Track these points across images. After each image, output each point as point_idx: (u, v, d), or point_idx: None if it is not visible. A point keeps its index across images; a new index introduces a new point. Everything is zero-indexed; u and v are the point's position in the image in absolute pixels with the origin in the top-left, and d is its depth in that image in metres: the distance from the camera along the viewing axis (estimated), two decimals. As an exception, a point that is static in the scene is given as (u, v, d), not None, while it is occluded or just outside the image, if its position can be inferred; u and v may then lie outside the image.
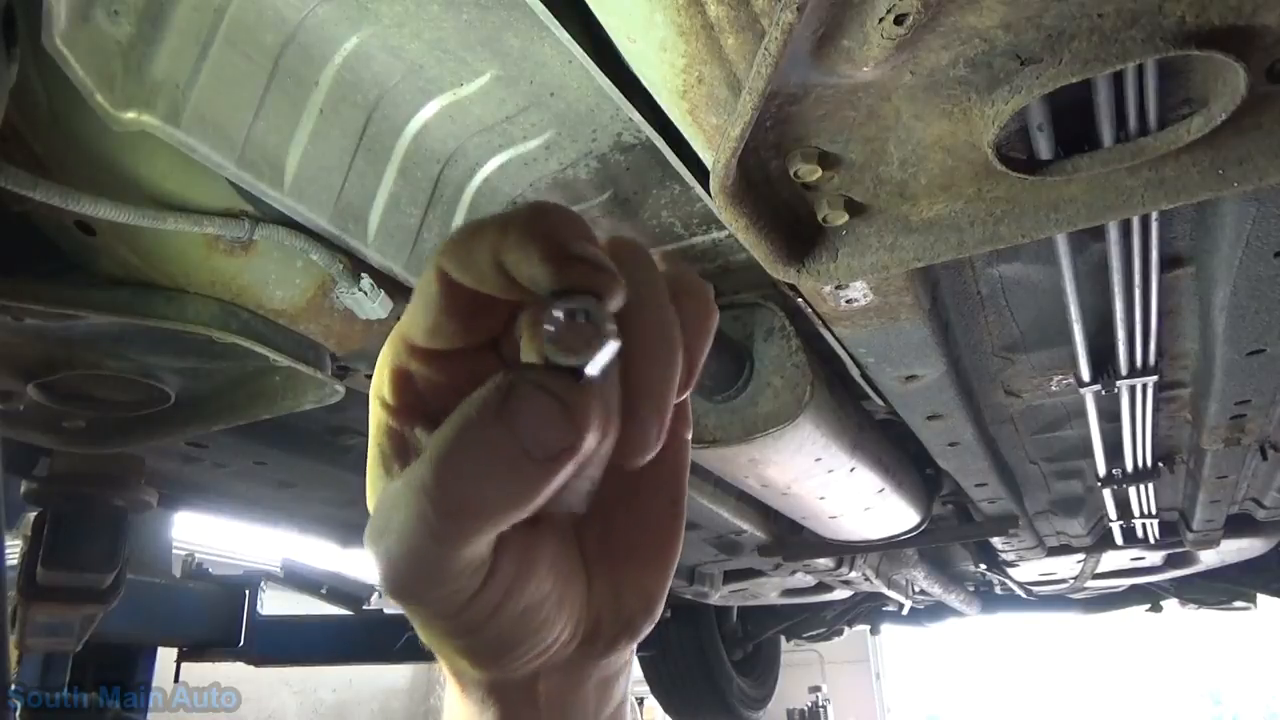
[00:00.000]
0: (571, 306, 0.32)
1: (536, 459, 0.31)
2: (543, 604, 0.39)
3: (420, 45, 1.08)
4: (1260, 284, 1.33)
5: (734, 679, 5.03)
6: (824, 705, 9.33)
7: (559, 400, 0.32)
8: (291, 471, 2.17)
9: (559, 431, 0.31)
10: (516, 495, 0.32)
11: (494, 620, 0.37)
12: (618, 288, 0.33)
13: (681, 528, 0.45)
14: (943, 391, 1.74)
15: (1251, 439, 1.99)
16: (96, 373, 1.44)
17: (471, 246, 0.35)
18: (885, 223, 0.92)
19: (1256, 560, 3.97)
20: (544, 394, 0.32)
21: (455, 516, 0.32)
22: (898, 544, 2.85)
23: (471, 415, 0.32)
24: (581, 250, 0.33)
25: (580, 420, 0.32)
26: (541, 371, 0.32)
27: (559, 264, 0.32)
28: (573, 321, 0.32)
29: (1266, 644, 10.94)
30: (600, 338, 0.32)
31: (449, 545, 0.33)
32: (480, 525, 0.33)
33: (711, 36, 0.76)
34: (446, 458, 0.32)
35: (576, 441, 0.32)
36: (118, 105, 0.91)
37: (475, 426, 0.32)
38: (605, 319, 0.32)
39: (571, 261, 0.32)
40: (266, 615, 3.45)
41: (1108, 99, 0.84)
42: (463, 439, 0.32)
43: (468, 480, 0.32)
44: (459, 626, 0.37)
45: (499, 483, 0.32)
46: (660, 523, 0.44)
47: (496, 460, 0.31)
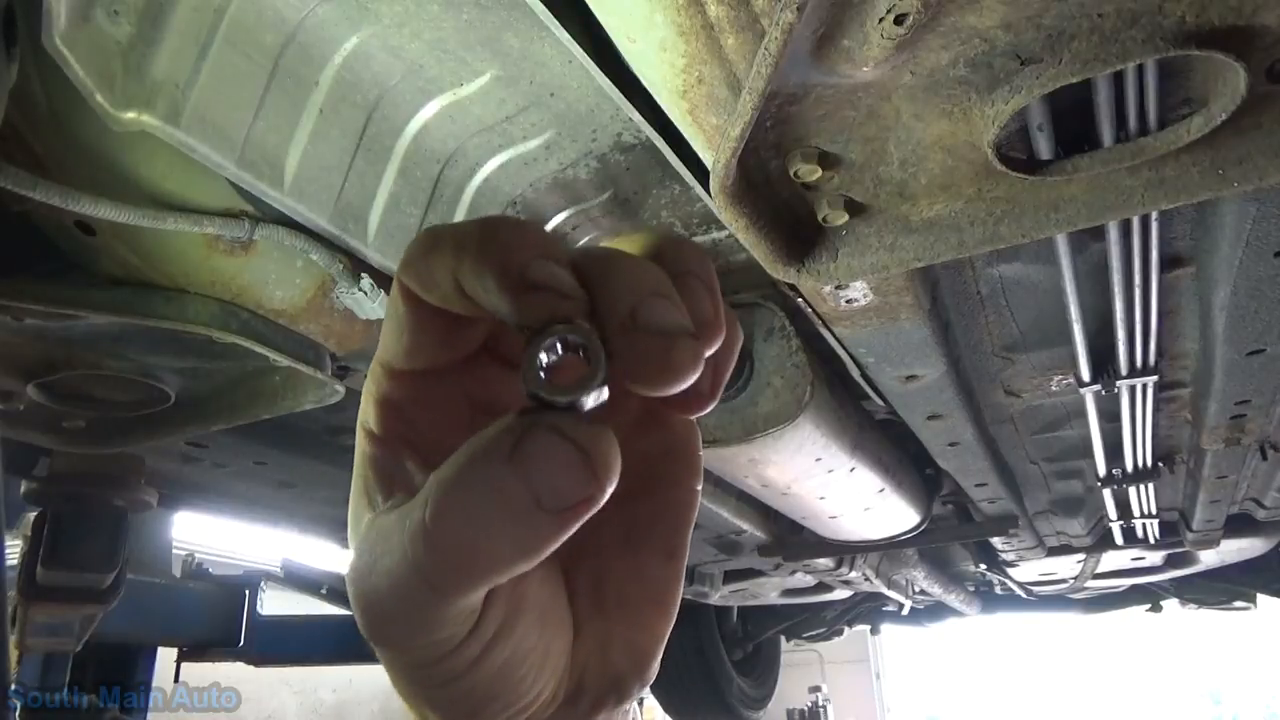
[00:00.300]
0: (549, 342, 0.29)
1: (549, 510, 0.28)
2: (526, 657, 0.35)
3: (420, 45, 1.08)
4: (1260, 284, 1.33)
5: (734, 679, 5.03)
6: (824, 705, 9.33)
7: (579, 449, 0.29)
8: (291, 471, 2.17)
9: (577, 482, 0.28)
10: (524, 548, 0.29)
11: (472, 672, 0.34)
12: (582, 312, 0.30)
13: (679, 584, 0.41)
14: (943, 391, 1.74)
15: (1251, 439, 1.99)
16: (96, 373, 1.44)
17: (431, 264, 0.32)
18: (885, 223, 0.92)
19: (1256, 560, 3.97)
20: (562, 441, 0.29)
21: (453, 565, 0.29)
22: (898, 544, 2.85)
23: (479, 456, 0.29)
24: (540, 274, 0.30)
25: (601, 471, 0.29)
26: (559, 414, 0.29)
27: (517, 294, 0.30)
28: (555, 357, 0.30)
29: (1266, 644, 10.94)
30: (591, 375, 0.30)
31: (443, 594, 0.30)
32: (480, 577, 0.30)
33: (711, 36, 0.76)
34: (448, 501, 0.29)
35: (597, 493, 0.29)
36: (118, 105, 0.91)
37: (482, 469, 0.29)
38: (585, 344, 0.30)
39: (531, 291, 0.30)
40: (266, 615, 3.45)
41: (1108, 99, 0.84)
42: (468, 482, 0.29)
43: (470, 528, 0.29)
44: (435, 676, 0.34)
45: (505, 533, 0.29)
46: (656, 576, 0.40)
47: (504, 509, 0.28)
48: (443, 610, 0.31)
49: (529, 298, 0.30)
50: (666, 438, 0.41)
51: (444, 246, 0.32)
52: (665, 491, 0.41)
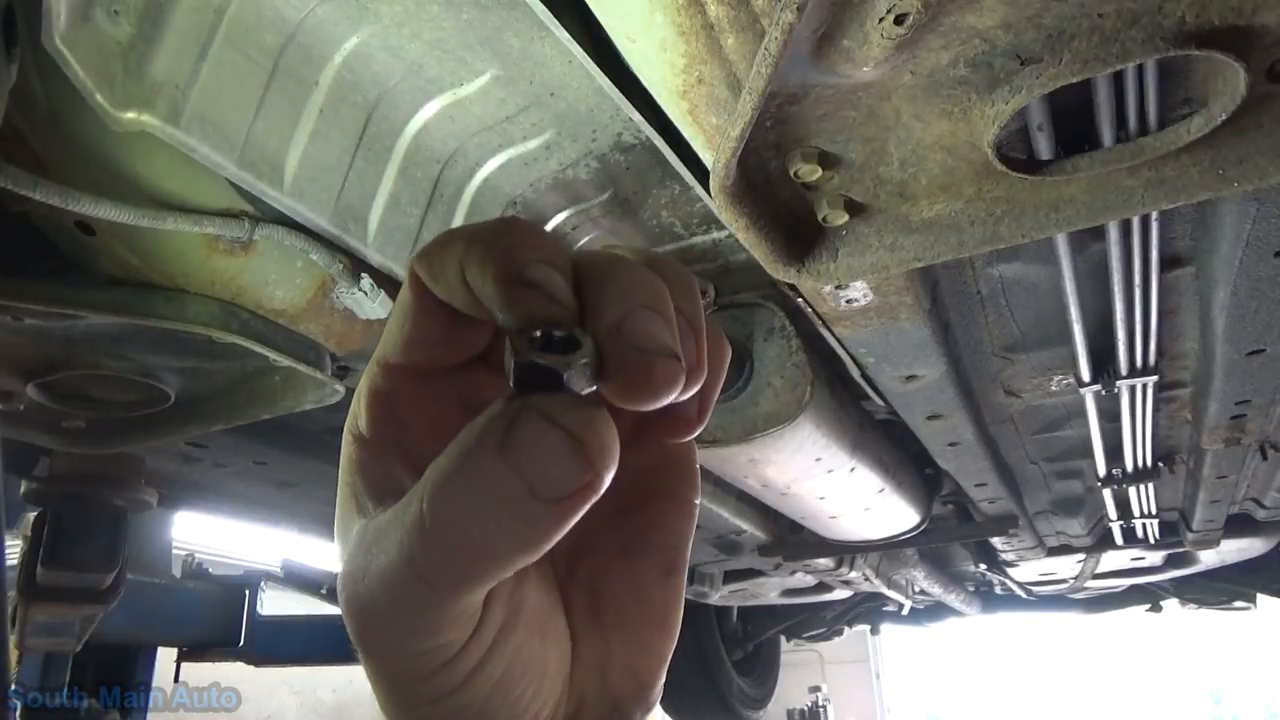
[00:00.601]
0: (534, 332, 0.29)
1: (544, 500, 0.27)
2: (524, 672, 0.34)
3: (420, 45, 1.08)
4: (1260, 284, 1.33)
5: (734, 679, 5.03)
6: (824, 705, 9.32)
7: (569, 435, 0.28)
8: (291, 471, 2.17)
9: (570, 470, 0.28)
10: (521, 541, 0.28)
11: (467, 687, 0.32)
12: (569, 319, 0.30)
13: (679, 602, 0.40)
14: (943, 391, 1.74)
15: (1251, 439, 1.99)
16: (96, 373, 1.44)
17: (443, 255, 0.32)
18: (885, 223, 0.92)
19: (1256, 560, 3.97)
20: (552, 428, 0.28)
21: (450, 559, 0.28)
22: (898, 544, 2.85)
23: (471, 447, 0.28)
24: (536, 275, 0.30)
25: (596, 457, 0.28)
26: (551, 400, 0.29)
27: (509, 287, 0.29)
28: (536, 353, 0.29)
29: (1266, 644, 10.94)
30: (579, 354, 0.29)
31: (440, 593, 0.29)
32: (478, 573, 0.29)
33: (711, 36, 0.76)
34: (443, 494, 0.28)
35: (594, 481, 0.28)
36: (118, 105, 0.91)
37: (475, 461, 0.28)
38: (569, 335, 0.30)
39: (524, 288, 0.30)
40: (266, 615, 3.45)
41: (1108, 99, 0.84)
42: (462, 473, 0.28)
43: (466, 520, 0.28)
44: (427, 691, 0.32)
45: (501, 526, 0.28)
46: (654, 592, 0.39)
47: (499, 500, 0.27)
48: (440, 611, 0.30)
49: (520, 293, 0.30)
50: (663, 451, 0.41)
51: (458, 239, 0.32)
52: (662, 505, 0.40)
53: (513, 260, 0.30)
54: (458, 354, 0.36)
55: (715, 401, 0.37)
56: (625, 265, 0.32)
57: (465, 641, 0.32)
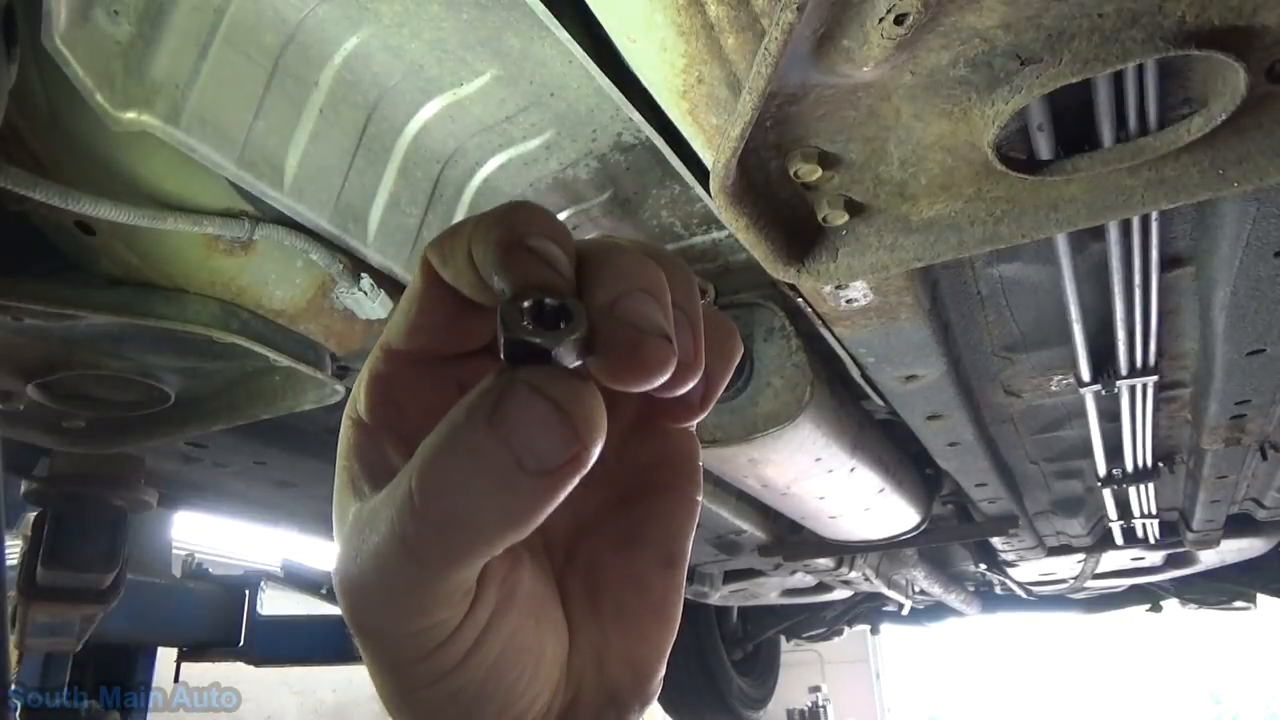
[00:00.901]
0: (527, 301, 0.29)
1: (532, 472, 0.27)
2: (520, 656, 0.34)
3: (420, 45, 1.08)
4: (1260, 284, 1.33)
5: (734, 679, 5.03)
6: (824, 705, 9.32)
7: (556, 406, 0.28)
8: (291, 471, 2.17)
9: (558, 443, 0.28)
10: (510, 515, 0.28)
11: (463, 668, 0.32)
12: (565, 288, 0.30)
13: (679, 595, 0.40)
14: (943, 391, 1.74)
15: (1251, 439, 1.99)
16: (96, 373, 1.44)
17: (454, 237, 0.32)
18: (885, 223, 0.92)
19: (1256, 560, 3.97)
20: (539, 399, 0.28)
21: (441, 534, 0.28)
22: (898, 544, 2.85)
23: (460, 421, 0.28)
24: (536, 244, 0.30)
25: (583, 429, 0.28)
26: (539, 373, 0.29)
27: (508, 251, 0.30)
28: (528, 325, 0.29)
29: (1266, 644, 10.94)
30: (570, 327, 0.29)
31: (432, 570, 0.29)
32: (468, 548, 0.29)
33: (711, 36, 0.76)
34: (433, 469, 0.28)
35: (582, 454, 0.28)
36: (118, 105, 0.91)
37: (464, 434, 0.28)
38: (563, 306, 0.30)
39: (523, 251, 0.30)
40: (266, 615, 3.45)
41: (1108, 99, 0.84)
42: (451, 447, 0.28)
43: (456, 494, 0.28)
44: (424, 673, 0.32)
45: (490, 500, 0.28)
46: (653, 584, 0.39)
47: (486, 474, 0.28)
48: (432, 589, 0.30)
49: (518, 255, 0.30)
50: (663, 445, 0.41)
51: (469, 221, 0.32)
52: (663, 498, 0.40)
53: (515, 230, 0.30)
54: (460, 342, 0.36)
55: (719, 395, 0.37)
56: (625, 251, 0.33)
57: (459, 622, 0.32)
